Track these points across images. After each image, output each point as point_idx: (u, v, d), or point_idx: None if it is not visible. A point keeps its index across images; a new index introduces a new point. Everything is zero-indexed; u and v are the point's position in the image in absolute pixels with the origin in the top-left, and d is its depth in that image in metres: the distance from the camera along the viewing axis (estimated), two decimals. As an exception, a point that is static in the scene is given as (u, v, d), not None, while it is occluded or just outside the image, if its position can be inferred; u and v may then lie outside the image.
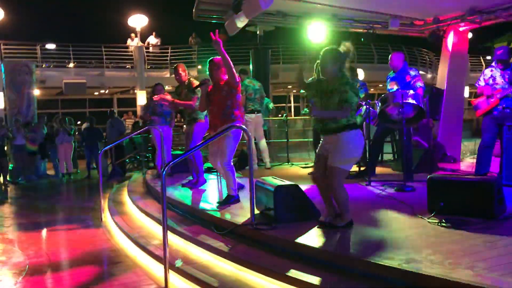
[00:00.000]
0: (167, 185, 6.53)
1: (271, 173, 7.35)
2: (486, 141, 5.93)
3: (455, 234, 3.73)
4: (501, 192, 4.24)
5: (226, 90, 5.13)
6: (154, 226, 5.45)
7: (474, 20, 8.19)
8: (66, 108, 22.75)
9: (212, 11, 8.61)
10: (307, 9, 8.08)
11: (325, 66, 3.96)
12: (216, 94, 5.19)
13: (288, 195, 4.35)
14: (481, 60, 25.87)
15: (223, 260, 3.98)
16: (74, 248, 5.26)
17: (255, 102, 8.02)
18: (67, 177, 11.84)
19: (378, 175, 6.84)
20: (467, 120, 14.93)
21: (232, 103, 5.14)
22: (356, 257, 3.31)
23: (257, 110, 8.07)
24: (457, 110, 9.06)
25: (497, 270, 2.87)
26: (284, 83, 22.41)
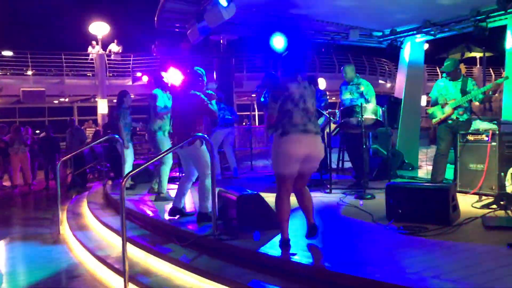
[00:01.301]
0: (128, 195, 6.48)
1: (235, 182, 7.36)
2: (441, 149, 6.12)
3: (413, 241, 3.84)
4: (455, 198, 4.39)
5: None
6: (114, 238, 5.34)
7: (429, 32, 8.48)
8: (24, 117, 22.02)
9: (174, 20, 8.57)
10: (269, 19, 8.15)
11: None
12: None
13: (250, 204, 4.36)
14: (437, 70, 26.77)
15: (185, 272, 3.94)
16: (30, 262, 5.08)
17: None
18: (28, 188, 11.44)
19: (339, 182, 6.95)
20: (424, 128, 15.36)
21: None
22: (316, 266, 3.35)
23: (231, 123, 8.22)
24: (414, 119, 9.33)
25: (452, 275, 2.97)
26: (248, 92, 22.50)
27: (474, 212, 4.66)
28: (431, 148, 9.57)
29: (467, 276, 2.95)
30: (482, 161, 5.54)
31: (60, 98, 21.12)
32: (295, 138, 3.73)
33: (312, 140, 3.78)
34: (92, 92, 20.20)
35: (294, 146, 3.71)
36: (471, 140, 5.76)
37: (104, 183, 8.59)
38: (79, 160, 11.33)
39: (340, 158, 8.71)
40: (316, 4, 7.46)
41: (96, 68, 19.74)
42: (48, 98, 19.28)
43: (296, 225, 4.34)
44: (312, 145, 3.78)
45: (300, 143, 3.72)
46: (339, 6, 7.43)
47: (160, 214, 5.42)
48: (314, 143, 3.79)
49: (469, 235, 3.96)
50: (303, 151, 3.73)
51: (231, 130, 8.29)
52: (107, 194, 7.50)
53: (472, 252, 3.47)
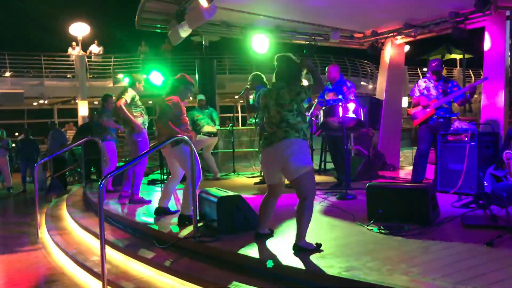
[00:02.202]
0: (107, 198, 6.40)
1: (216, 184, 7.32)
2: (422, 150, 6.19)
3: (393, 241, 3.85)
4: (435, 198, 4.43)
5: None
6: (94, 242, 5.25)
7: (409, 34, 8.59)
8: (2, 119, 21.62)
9: (155, 20, 8.50)
10: (250, 20, 8.16)
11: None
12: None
13: (231, 206, 4.33)
14: (419, 72, 27.11)
15: (165, 274, 3.89)
16: (7, 267, 4.97)
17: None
18: (7, 191, 11.22)
19: (321, 183, 6.96)
20: (406, 129, 15.53)
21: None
22: (298, 267, 3.33)
23: (215, 134, 8.23)
24: (395, 120, 9.42)
25: (431, 274, 2.98)
26: (230, 93, 22.46)
27: (453, 212, 4.70)
28: (412, 149, 9.67)
29: (446, 274, 2.97)
30: (461, 161, 5.61)
31: (39, 100, 20.81)
32: (262, 154, 3.88)
33: (273, 150, 3.72)
34: (73, 94, 19.96)
35: (263, 161, 3.90)
36: (451, 141, 5.83)
37: (83, 186, 8.46)
38: (59, 162, 11.15)
39: (322, 159, 8.74)
40: (297, 5, 7.47)
41: (76, 69, 19.51)
42: (27, 100, 19.00)
43: (285, 228, 4.33)
44: (275, 155, 3.72)
45: (265, 158, 3.85)
46: (319, 7, 7.45)
47: (140, 217, 5.35)
48: (275, 152, 3.70)
49: (448, 234, 4.00)
50: (267, 163, 3.87)
51: (214, 140, 8.31)
52: (87, 197, 7.39)
53: (451, 250, 3.50)
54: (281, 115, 3.71)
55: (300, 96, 3.73)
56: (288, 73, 3.83)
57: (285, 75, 3.84)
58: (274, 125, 3.75)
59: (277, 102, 3.75)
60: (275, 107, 3.76)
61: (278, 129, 3.71)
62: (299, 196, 3.67)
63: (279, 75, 3.88)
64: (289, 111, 3.69)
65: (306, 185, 3.65)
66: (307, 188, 3.65)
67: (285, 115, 3.69)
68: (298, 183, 3.65)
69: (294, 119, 3.69)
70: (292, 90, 3.73)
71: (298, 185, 3.65)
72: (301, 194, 3.65)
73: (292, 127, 3.67)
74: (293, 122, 3.68)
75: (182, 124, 4.99)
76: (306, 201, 3.63)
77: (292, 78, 3.81)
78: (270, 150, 3.76)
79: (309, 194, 3.65)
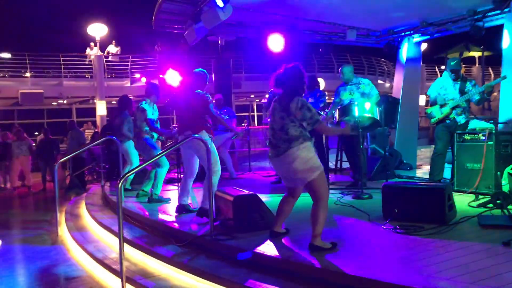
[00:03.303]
0: (126, 197, 6.50)
1: (232, 183, 7.37)
2: (439, 149, 6.14)
3: (409, 240, 3.85)
4: (451, 198, 4.40)
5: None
6: (112, 240, 5.35)
7: (426, 32, 8.52)
8: (23, 119, 22.05)
9: (171, 21, 8.59)
10: (266, 19, 8.18)
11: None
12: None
13: (247, 205, 4.37)
14: (436, 70, 26.82)
15: (182, 272, 3.95)
16: (29, 263, 5.09)
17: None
18: (27, 190, 11.46)
19: (337, 182, 6.96)
20: (423, 128, 15.41)
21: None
22: (314, 265, 3.36)
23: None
24: (412, 119, 9.35)
25: (447, 274, 2.98)
26: (246, 93, 22.53)
27: (470, 211, 4.67)
28: (430, 148, 9.59)
29: (462, 274, 2.96)
30: (478, 161, 5.56)
31: (58, 100, 21.15)
32: (272, 164, 3.95)
33: (280, 163, 3.78)
34: (91, 94, 20.22)
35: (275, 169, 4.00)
36: (468, 140, 5.78)
37: (102, 185, 8.60)
38: (77, 162, 11.33)
39: (338, 158, 8.73)
40: (312, 4, 7.47)
41: (94, 69, 19.76)
42: (46, 100, 19.31)
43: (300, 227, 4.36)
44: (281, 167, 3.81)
45: (275, 168, 3.95)
46: (336, 6, 7.44)
47: (158, 215, 5.43)
48: (281, 165, 3.78)
49: (465, 233, 3.97)
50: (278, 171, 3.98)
51: (230, 135, 8.31)
52: (105, 195, 7.51)
53: (468, 250, 3.48)
54: (283, 123, 3.73)
55: (304, 119, 3.71)
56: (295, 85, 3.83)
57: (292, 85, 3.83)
58: (274, 132, 3.80)
59: (284, 108, 3.76)
60: (280, 113, 3.79)
61: (279, 141, 3.73)
62: (314, 198, 3.72)
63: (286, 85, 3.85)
64: (291, 121, 3.71)
65: (320, 187, 3.69)
66: (321, 190, 3.70)
67: (286, 124, 3.71)
68: (310, 187, 3.71)
69: (296, 130, 3.69)
70: (300, 105, 3.70)
71: (311, 188, 3.71)
72: (315, 196, 3.71)
73: (291, 138, 3.68)
74: (292, 134, 3.68)
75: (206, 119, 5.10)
76: (321, 202, 3.68)
77: (298, 90, 3.83)
78: (277, 161, 3.82)
79: (323, 195, 3.70)
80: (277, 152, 3.77)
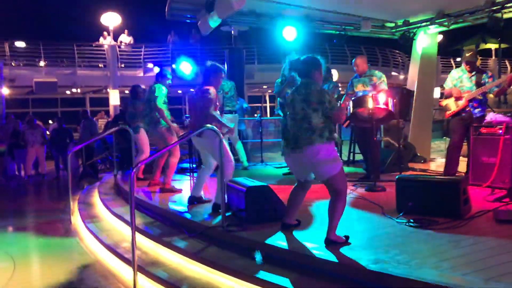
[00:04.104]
0: (138, 186, 6.52)
1: (244, 173, 7.36)
2: (454, 142, 6.05)
3: (423, 234, 3.80)
4: (466, 192, 4.34)
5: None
6: (125, 229, 5.38)
7: (442, 23, 8.36)
8: (37, 107, 22.26)
9: (184, 11, 8.54)
10: (280, 10, 8.11)
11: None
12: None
13: (259, 196, 4.35)
14: (452, 62, 26.44)
15: (193, 262, 3.96)
16: (41, 251, 5.15)
17: (232, 101, 8.02)
18: (41, 178, 11.59)
19: (350, 174, 6.91)
20: (437, 121, 15.20)
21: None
22: (325, 259, 3.33)
23: (234, 110, 8.11)
24: (427, 111, 9.23)
25: (461, 269, 2.93)
26: (259, 83, 22.44)
27: (486, 206, 4.60)
28: (444, 140, 9.47)
29: (477, 269, 2.92)
30: (495, 154, 5.46)
31: (72, 89, 21.28)
32: (287, 159, 3.89)
33: (298, 157, 3.70)
34: (104, 83, 20.31)
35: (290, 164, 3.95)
36: (484, 133, 5.68)
37: (115, 174, 8.65)
38: (90, 151, 11.41)
39: (351, 150, 8.66)
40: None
41: (107, 59, 19.81)
42: (60, 89, 19.43)
43: (312, 219, 4.34)
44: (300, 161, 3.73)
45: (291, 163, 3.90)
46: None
47: (170, 205, 5.44)
48: (301, 158, 3.68)
49: (480, 228, 3.91)
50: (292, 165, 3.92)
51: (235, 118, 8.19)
52: (118, 184, 7.56)
53: (483, 245, 3.43)
54: (305, 112, 3.65)
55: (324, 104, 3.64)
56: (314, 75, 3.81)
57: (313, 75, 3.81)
58: (296, 122, 3.69)
59: (304, 98, 3.69)
60: (301, 103, 3.70)
61: (300, 132, 3.64)
62: (332, 193, 3.64)
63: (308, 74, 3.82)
64: (315, 110, 3.63)
65: (338, 183, 3.63)
66: (340, 186, 3.63)
67: (309, 114, 3.63)
68: (329, 183, 3.64)
69: (318, 119, 3.61)
70: (322, 94, 3.66)
71: (330, 185, 3.64)
72: (334, 191, 3.64)
73: (315, 129, 3.59)
74: (316, 122, 3.59)
75: (216, 115, 5.03)
76: (340, 197, 3.61)
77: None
78: (295, 156, 3.73)
79: (342, 189, 3.63)
80: (295, 145, 3.68)
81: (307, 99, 3.67)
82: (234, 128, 7.94)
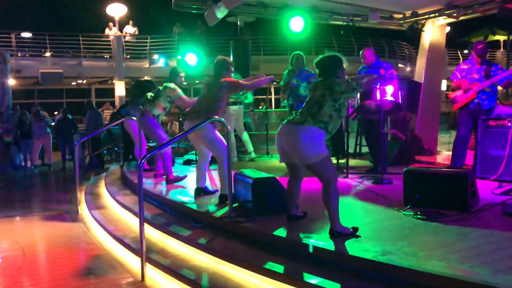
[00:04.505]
0: (144, 177, 6.53)
1: (250, 165, 7.36)
2: (462, 135, 6.02)
3: (430, 227, 3.80)
4: (474, 184, 4.32)
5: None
6: (132, 219, 5.41)
7: (451, 14, 8.28)
8: (43, 98, 22.30)
9: (191, 1, 8.51)
10: (287, 0, 8.06)
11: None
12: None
13: (266, 187, 4.36)
14: (459, 54, 26.23)
15: (201, 252, 3.98)
16: (50, 241, 5.18)
17: (237, 93, 7.99)
18: (47, 169, 11.65)
19: (357, 167, 6.90)
20: (444, 113, 15.10)
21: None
22: (331, 250, 3.34)
23: (239, 101, 8.08)
24: (434, 104, 9.17)
25: (468, 262, 2.93)
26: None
27: (493, 199, 4.59)
28: (450, 133, 9.42)
29: (484, 262, 2.91)
30: (503, 147, 5.43)
31: (77, 80, 21.30)
32: (279, 128, 3.84)
33: (287, 130, 3.74)
34: (110, 74, 20.31)
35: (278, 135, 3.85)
36: (492, 126, 5.65)
37: (121, 165, 8.68)
38: (96, 142, 11.46)
39: (358, 142, 8.64)
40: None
41: (113, 50, 19.79)
42: (66, 80, 19.45)
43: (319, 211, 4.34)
44: (286, 136, 3.74)
45: (279, 133, 3.82)
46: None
47: (176, 196, 5.45)
48: (287, 133, 3.73)
49: (488, 221, 3.90)
50: (279, 142, 3.82)
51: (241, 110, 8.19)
52: (124, 175, 7.58)
53: (491, 238, 3.42)
54: (324, 98, 3.68)
55: (353, 92, 3.79)
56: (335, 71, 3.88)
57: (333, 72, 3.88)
58: (309, 102, 3.77)
59: (330, 86, 3.73)
60: (323, 90, 3.74)
61: (305, 110, 3.72)
62: (321, 181, 3.65)
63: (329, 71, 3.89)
64: (334, 100, 3.67)
65: (324, 170, 3.62)
66: (326, 173, 3.61)
67: (324, 101, 3.67)
68: (312, 169, 3.65)
69: (329, 109, 3.65)
70: (350, 86, 3.75)
71: (313, 171, 3.66)
72: (321, 179, 3.64)
73: (317, 115, 3.63)
74: (325, 111, 3.64)
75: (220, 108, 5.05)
76: (329, 185, 3.59)
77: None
78: (285, 127, 3.77)
79: (330, 178, 3.60)
80: (292, 120, 3.73)
81: (332, 87, 3.71)
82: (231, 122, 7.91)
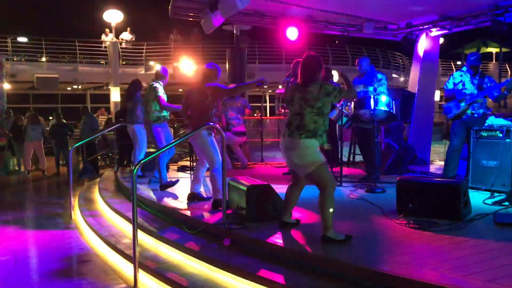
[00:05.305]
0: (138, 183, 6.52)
1: (245, 172, 7.37)
2: (455, 145, 6.07)
3: (423, 236, 3.82)
4: (467, 194, 4.36)
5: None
6: (125, 225, 5.39)
7: (445, 26, 8.38)
8: (38, 103, 22.23)
9: (188, 9, 8.55)
10: (283, 9, 8.12)
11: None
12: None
13: (260, 194, 4.37)
14: (452, 65, 26.47)
15: (194, 259, 3.97)
16: (42, 246, 5.16)
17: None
18: (41, 174, 11.60)
19: (350, 175, 6.93)
20: (437, 123, 15.24)
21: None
22: (325, 258, 3.35)
23: (244, 133, 8.22)
24: (427, 113, 9.26)
25: (461, 271, 2.95)
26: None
27: (485, 209, 4.62)
28: (443, 143, 9.49)
29: (476, 271, 2.93)
30: (495, 158, 5.48)
31: (73, 85, 21.27)
32: (281, 141, 3.93)
33: (287, 142, 3.82)
34: (105, 80, 20.29)
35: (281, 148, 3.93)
36: (484, 136, 5.69)
37: (115, 170, 8.66)
38: (90, 147, 11.43)
39: (351, 151, 8.68)
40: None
41: (109, 56, 19.79)
42: (61, 85, 19.43)
43: (312, 218, 4.35)
44: (285, 150, 3.84)
45: (281, 145, 3.91)
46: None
47: (170, 202, 5.45)
48: (286, 147, 3.83)
49: (480, 231, 3.93)
50: (284, 153, 3.90)
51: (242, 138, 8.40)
52: (118, 181, 7.57)
53: (483, 248, 3.45)
54: (302, 108, 3.76)
55: (329, 97, 3.74)
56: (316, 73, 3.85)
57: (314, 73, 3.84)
58: (293, 115, 3.82)
59: (303, 96, 3.77)
60: (299, 100, 3.79)
61: (292, 123, 3.78)
62: (318, 188, 3.71)
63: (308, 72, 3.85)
64: (310, 107, 3.72)
65: (321, 177, 3.69)
66: (323, 180, 3.68)
67: (304, 110, 3.74)
68: (310, 177, 3.75)
69: (311, 118, 3.71)
70: (324, 88, 3.73)
71: (311, 179, 3.75)
72: (318, 186, 3.71)
73: (303, 126, 3.71)
74: (308, 120, 3.70)
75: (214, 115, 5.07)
76: (326, 192, 3.66)
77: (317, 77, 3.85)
78: (285, 140, 3.84)
79: (327, 185, 3.67)
80: (289, 131, 3.81)
81: (305, 96, 3.76)
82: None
